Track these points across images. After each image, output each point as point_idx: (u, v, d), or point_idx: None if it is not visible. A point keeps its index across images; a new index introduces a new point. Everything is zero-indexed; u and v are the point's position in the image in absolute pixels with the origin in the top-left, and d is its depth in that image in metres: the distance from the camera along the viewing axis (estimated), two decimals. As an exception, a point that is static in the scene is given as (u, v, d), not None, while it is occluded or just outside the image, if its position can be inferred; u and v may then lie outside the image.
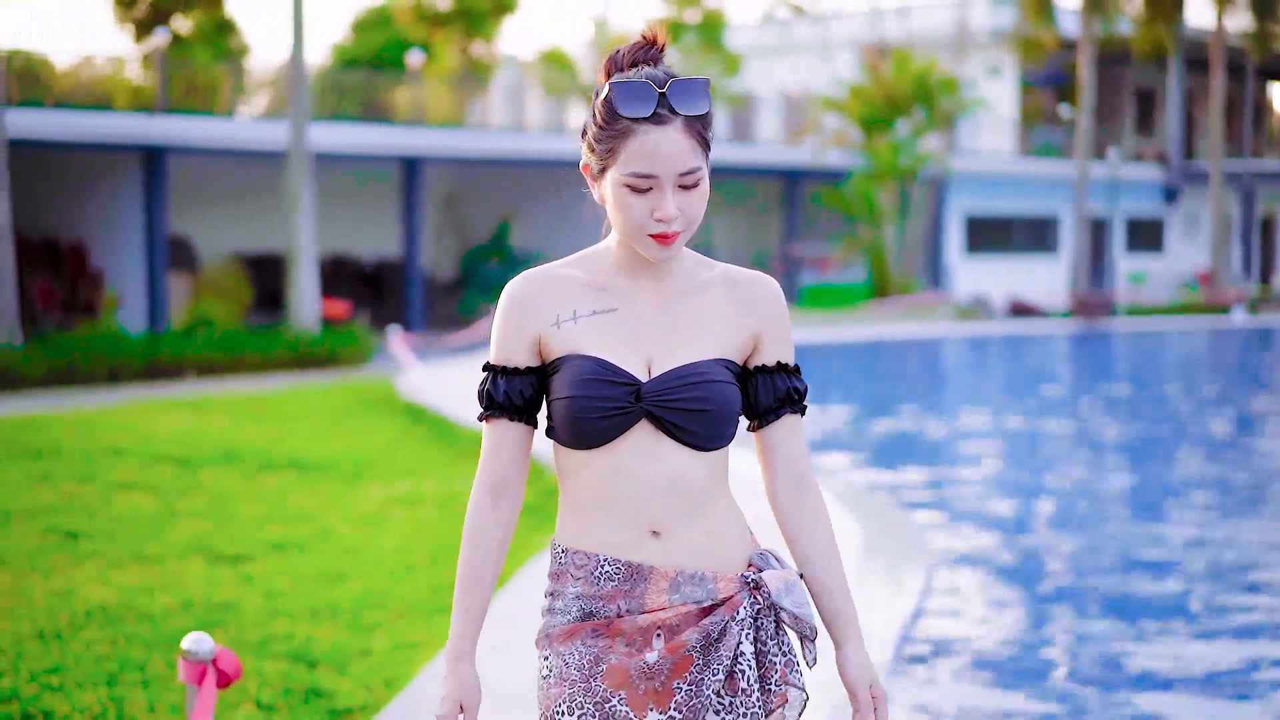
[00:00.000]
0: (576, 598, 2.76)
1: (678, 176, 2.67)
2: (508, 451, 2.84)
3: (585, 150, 2.78)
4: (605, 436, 2.71)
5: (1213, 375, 27.17)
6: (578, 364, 2.73)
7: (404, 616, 7.48)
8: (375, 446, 13.60)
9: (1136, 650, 7.80)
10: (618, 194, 2.71)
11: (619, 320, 2.77)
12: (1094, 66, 41.63)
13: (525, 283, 2.81)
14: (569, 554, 2.78)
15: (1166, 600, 9.01)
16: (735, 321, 2.80)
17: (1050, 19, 42.31)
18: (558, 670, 2.75)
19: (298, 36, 24.33)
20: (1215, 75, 44.45)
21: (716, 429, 2.74)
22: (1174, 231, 49.84)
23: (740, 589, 2.77)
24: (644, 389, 2.71)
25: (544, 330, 2.77)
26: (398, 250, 35.29)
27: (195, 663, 4.02)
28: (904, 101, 38.72)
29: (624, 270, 2.80)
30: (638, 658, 2.72)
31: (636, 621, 2.73)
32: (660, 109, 2.67)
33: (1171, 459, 15.50)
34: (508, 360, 2.81)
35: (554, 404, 2.76)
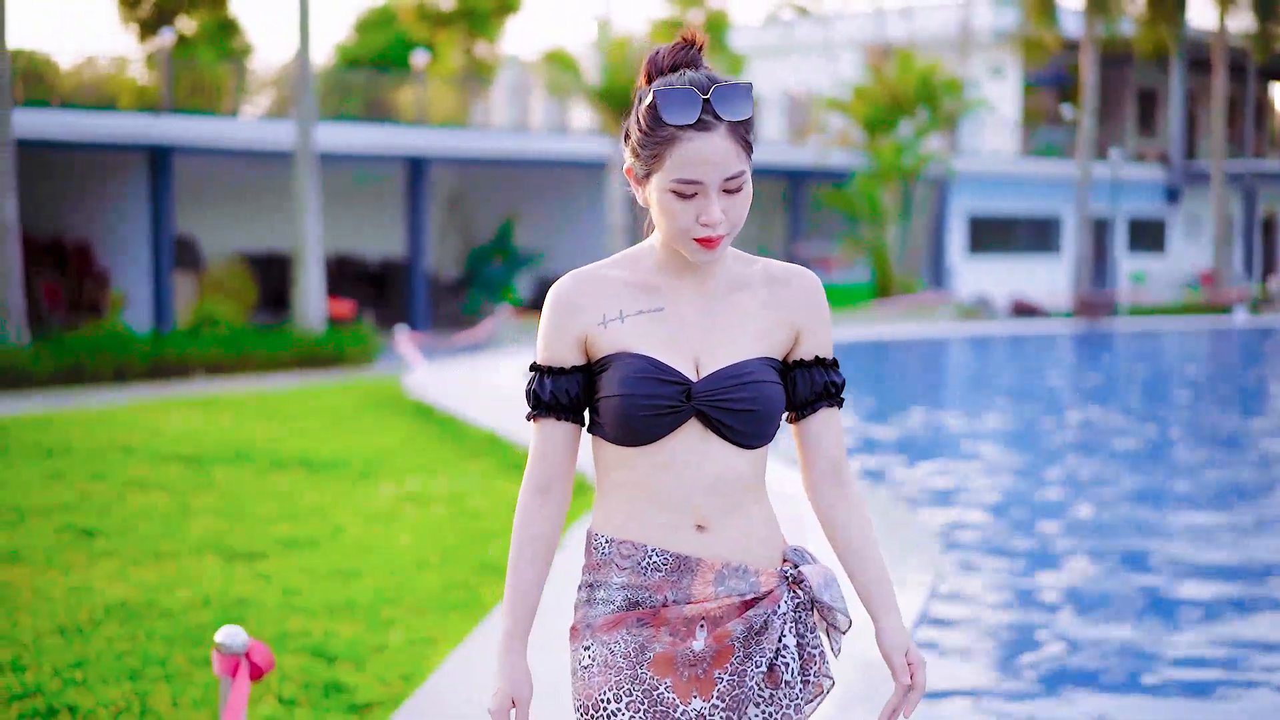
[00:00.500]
0: (622, 587, 2.78)
1: (722, 181, 2.69)
2: (555, 451, 2.85)
3: (629, 155, 2.80)
4: (655, 434, 2.73)
5: (1215, 375, 27.24)
6: (628, 362, 2.75)
7: (419, 613, 7.55)
8: (384, 445, 13.68)
9: (1143, 647, 7.88)
10: (663, 199, 2.72)
11: (665, 319, 2.78)
12: (1096, 67, 41.70)
13: (572, 282, 2.82)
14: (614, 544, 2.80)
15: (1172, 597, 9.08)
16: (776, 318, 2.83)
17: (1053, 20, 42.39)
18: (601, 658, 2.77)
19: (304, 37, 24.41)
20: (1217, 75, 44.52)
21: (763, 427, 2.77)
22: (1176, 232, 49.90)
23: (780, 583, 2.81)
24: (694, 388, 2.74)
25: (590, 329, 2.79)
26: (402, 250, 35.37)
27: (228, 655, 4.09)
28: (907, 102, 38.80)
29: (668, 270, 2.81)
30: (683, 646, 2.74)
31: (683, 611, 2.75)
32: (704, 115, 2.67)
33: (1174, 458, 15.57)
34: (554, 360, 2.82)
35: (602, 401, 2.78)
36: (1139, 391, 23.43)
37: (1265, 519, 11.93)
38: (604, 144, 34.22)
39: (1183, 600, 9.02)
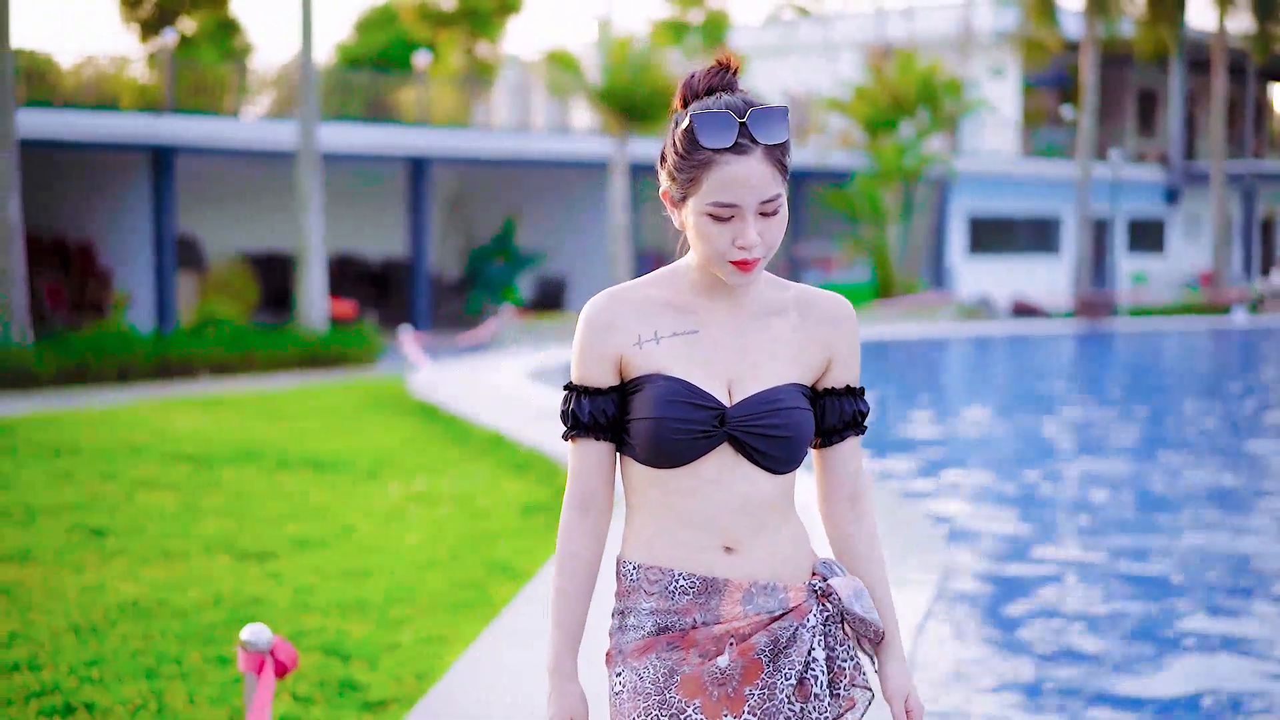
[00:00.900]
0: (650, 613, 2.79)
1: (759, 204, 2.69)
2: (594, 470, 2.84)
3: (665, 178, 2.79)
4: (686, 458, 2.74)
5: (1215, 376, 27.30)
6: (662, 385, 2.75)
7: (430, 612, 7.61)
8: (390, 445, 13.74)
9: (1144, 654, 7.94)
10: (699, 222, 2.72)
11: (700, 342, 2.79)
12: (1096, 67, 41.76)
13: (607, 301, 2.82)
14: (640, 570, 2.81)
15: (1170, 599, 9.14)
16: (809, 344, 2.84)
17: (1053, 20, 42.47)
18: (631, 685, 2.78)
19: (306, 38, 24.46)
20: (1217, 76, 44.58)
21: (794, 453, 2.78)
22: (1175, 232, 49.97)
23: (809, 596, 2.81)
24: (728, 414, 2.74)
25: (625, 350, 2.79)
26: (404, 250, 35.42)
27: (254, 653, 4.15)
28: (908, 102, 38.86)
29: (703, 291, 2.81)
30: (709, 664, 2.74)
31: (711, 632, 2.76)
32: (741, 139, 2.68)
33: (1175, 459, 15.62)
34: (589, 380, 2.82)
35: (634, 423, 2.77)
36: (1140, 391, 23.49)
37: (1266, 519, 11.99)
38: (605, 144, 34.27)
39: (1177, 588, 9.08)
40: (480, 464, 12.61)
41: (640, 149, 34.52)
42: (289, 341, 23.02)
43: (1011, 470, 14.52)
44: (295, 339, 23.24)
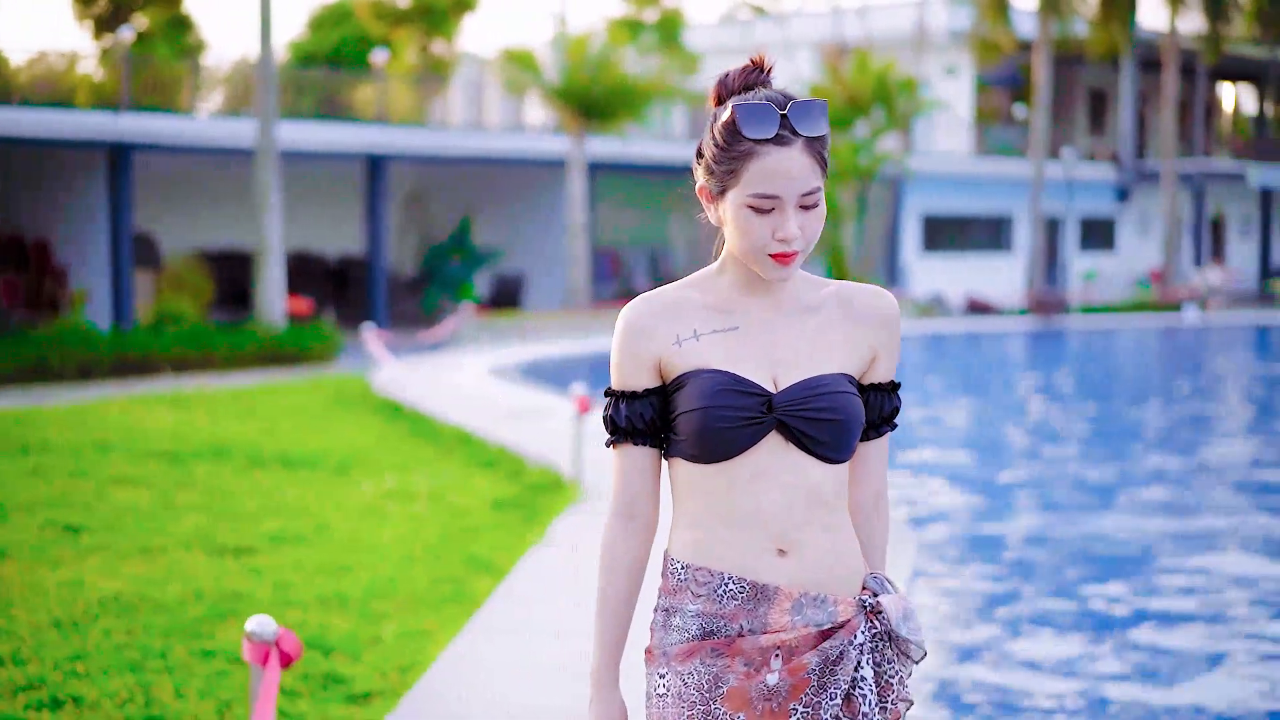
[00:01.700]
0: (696, 615, 2.75)
1: (799, 197, 2.69)
2: (636, 476, 2.82)
3: (702, 173, 2.79)
4: (736, 448, 2.71)
5: (1166, 372, 27.58)
6: (707, 377, 2.73)
7: (410, 607, 7.68)
8: (358, 442, 13.79)
9: (1099, 638, 8.08)
10: (739, 215, 2.72)
11: (740, 338, 2.78)
12: (1049, 67, 42.07)
13: (643, 305, 2.80)
14: (689, 570, 2.77)
15: (1122, 587, 9.29)
16: (855, 337, 2.83)
17: (1007, 20, 42.73)
18: (675, 690, 2.75)
19: (265, 36, 24.42)
20: (1168, 76, 44.96)
21: (845, 439, 2.75)
22: (1126, 230, 50.37)
23: (858, 613, 2.77)
24: (775, 399, 2.72)
25: (665, 351, 2.77)
26: (360, 247, 35.39)
27: (259, 643, 4.22)
28: (864, 102, 39.06)
29: (741, 290, 2.81)
30: (757, 679, 2.71)
31: (758, 641, 2.72)
32: (782, 130, 2.68)
33: (1123, 453, 15.82)
34: (627, 384, 2.80)
35: (681, 417, 2.74)
36: (1090, 388, 23.72)
37: (1203, 509, 12.18)
38: (563, 142, 34.33)
39: (1131, 585, 9.24)
40: (450, 461, 12.68)
41: (598, 147, 34.60)
42: (249, 339, 23.00)
43: (971, 463, 14.68)
44: (255, 336, 23.22)
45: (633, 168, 37.75)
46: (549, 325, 30.51)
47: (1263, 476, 14.50)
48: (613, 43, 35.56)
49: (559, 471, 11.63)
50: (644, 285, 40.18)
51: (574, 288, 33.67)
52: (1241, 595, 9.28)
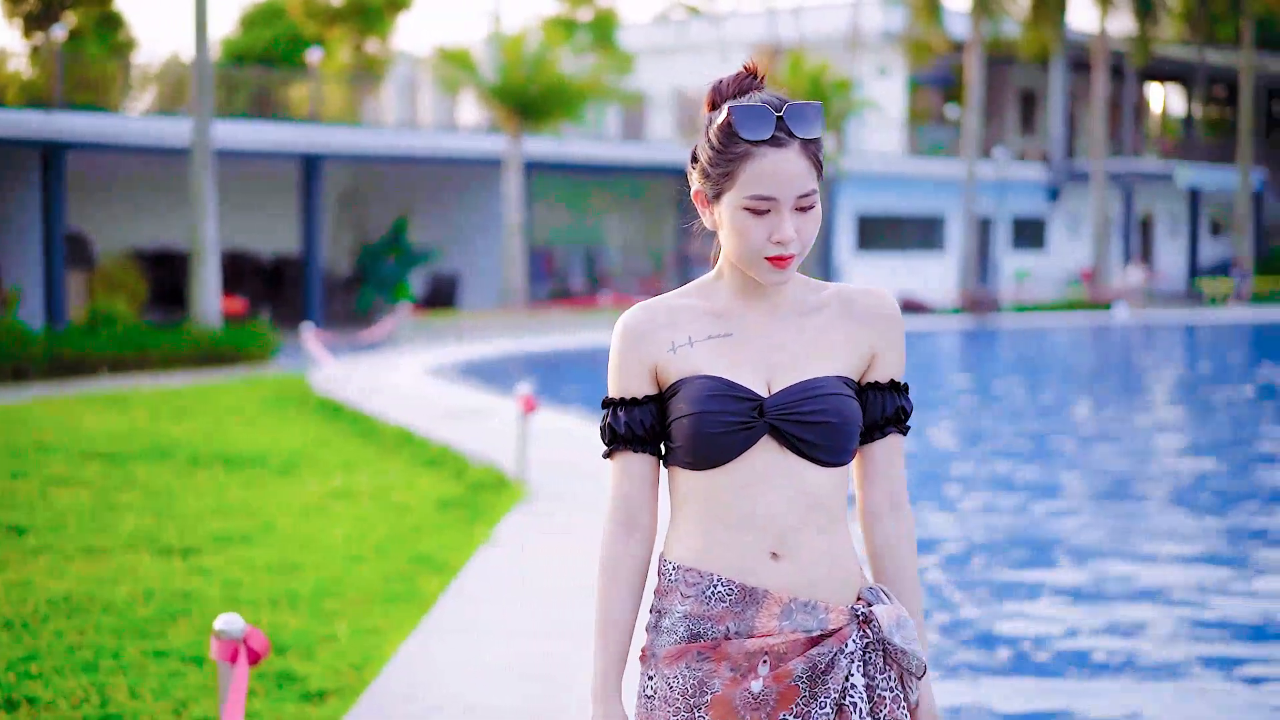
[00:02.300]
0: (684, 617, 2.73)
1: (795, 199, 2.69)
2: (634, 484, 2.80)
3: (698, 177, 2.78)
4: (728, 454, 2.70)
5: (1096, 370, 27.88)
6: (698, 382, 2.72)
7: (360, 605, 7.69)
8: (300, 442, 13.77)
9: (1041, 635, 8.20)
10: (735, 217, 2.71)
11: (735, 343, 2.76)
12: (981, 67, 42.41)
13: (640, 313, 2.80)
14: (680, 571, 2.75)
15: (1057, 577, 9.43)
16: (852, 338, 2.80)
17: (939, 21, 43.05)
18: (662, 693, 2.73)
19: (200, 33, 24.30)
20: (1097, 77, 45.40)
21: (839, 441, 2.72)
22: (1057, 229, 50.83)
23: (850, 621, 2.72)
24: (766, 404, 2.70)
25: (660, 358, 2.76)
26: (295, 247, 35.25)
27: (228, 641, 4.23)
28: (798, 102, 39.19)
29: (738, 295, 2.80)
30: (742, 685, 2.68)
31: (744, 645, 2.69)
32: (778, 132, 2.68)
33: (1055, 450, 16.01)
34: (626, 392, 2.79)
35: (675, 423, 2.74)
36: (1022, 385, 23.95)
37: (1124, 504, 12.35)
38: (499, 141, 34.32)
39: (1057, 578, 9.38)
40: (392, 460, 12.69)
41: (534, 146, 34.61)
42: (185, 339, 22.88)
43: (908, 462, 14.80)
44: (191, 336, 23.10)
45: (568, 167, 37.81)
46: (485, 325, 30.51)
47: (1183, 469, 14.72)
48: (548, 42, 35.57)
49: (502, 471, 11.66)
50: (579, 285, 40.23)
51: (510, 287, 33.67)
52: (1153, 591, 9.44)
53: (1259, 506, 12.75)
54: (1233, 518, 12.06)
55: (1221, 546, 10.88)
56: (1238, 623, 8.56)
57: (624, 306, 36.30)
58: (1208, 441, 17.09)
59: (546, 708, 5.95)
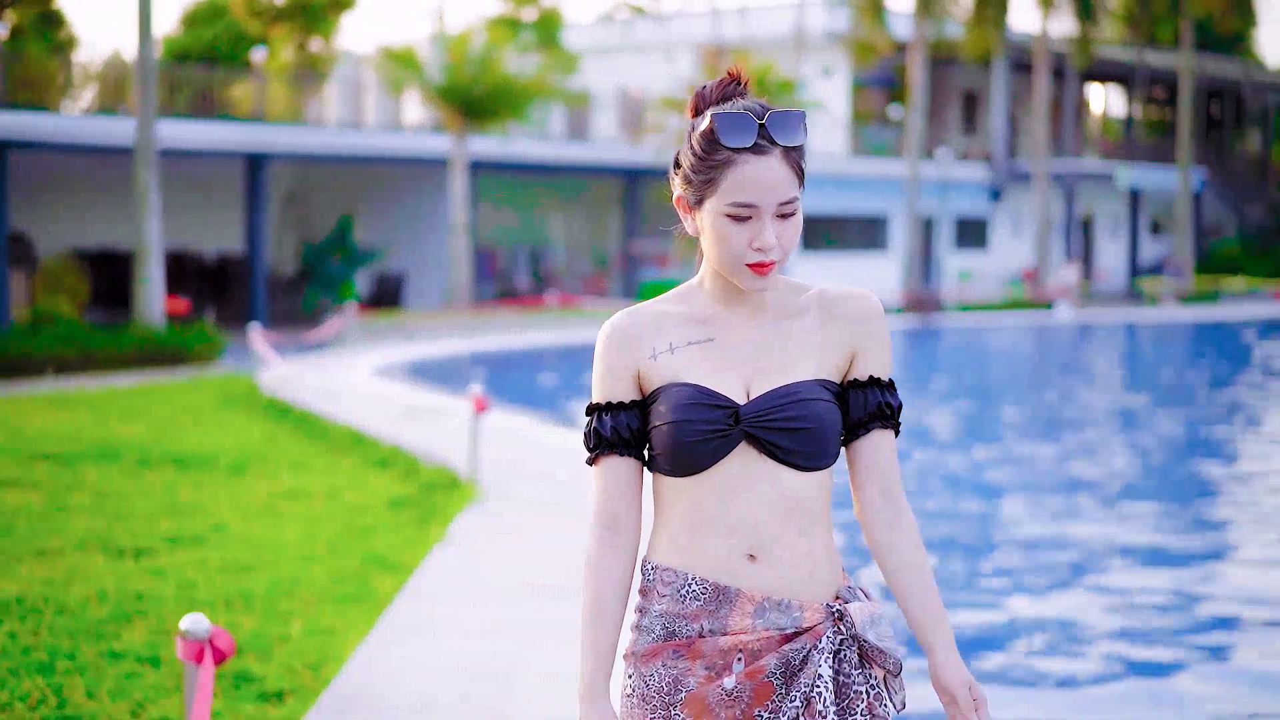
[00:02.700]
0: (660, 615, 2.77)
1: (777, 206, 2.69)
2: (619, 487, 2.83)
3: (680, 183, 2.79)
4: (706, 461, 2.72)
5: (1037, 368, 28.12)
6: (676, 391, 2.75)
7: (315, 605, 7.71)
8: (249, 442, 13.74)
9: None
10: (717, 224, 2.72)
11: (716, 349, 2.79)
12: (925, 68, 42.65)
13: (624, 319, 2.83)
14: (658, 571, 2.80)
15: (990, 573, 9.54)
16: (830, 339, 2.81)
17: (883, 22, 43.25)
18: (640, 691, 2.77)
19: (144, 31, 24.16)
20: (1039, 78, 45.72)
21: (816, 447, 2.74)
22: (999, 229, 51.17)
23: (825, 618, 2.74)
24: (742, 411, 2.72)
25: (642, 363, 2.79)
26: (239, 246, 35.09)
27: (194, 641, 4.25)
28: (743, 102, 39.32)
29: (720, 301, 2.81)
30: (716, 683, 2.71)
31: (718, 643, 2.72)
32: (760, 139, 2.68)
33: (1002, 445, 16.15)
34: (610, 396, 2.82)
35: (654, 431, 2.77)
36: (965, 385, 24.13)
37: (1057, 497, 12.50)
38: (444, 141, 34.28)
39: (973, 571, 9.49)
40: (343, 461, 12.69)
41: (480, 146, 34.58)
42: (129, 339, 22.74)
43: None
44: (136, 336, 22.97)
45: (513, 167, 37.80)
46: (432, 325, 30.47)
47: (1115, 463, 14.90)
48: (493, 42, 35.58)
49: (454, 471, 11.68)
50: (524, 284, 40.22)
51: (455, 287, 33.63)
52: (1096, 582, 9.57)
53: (1187, 499, 12.93)
54: (1166, 509, 12.22)
55: (1155, 538, 11.03)
56: (1161, 611, 8.69)
57: (570, 307, 36.35)
58: (1137, 438, 17.28)
59: (500, 706, 5.99)
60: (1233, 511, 12.76)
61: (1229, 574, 10.16)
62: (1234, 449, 16.88)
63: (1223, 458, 16.03)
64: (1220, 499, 13.39)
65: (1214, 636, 8.49)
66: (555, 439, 14.40)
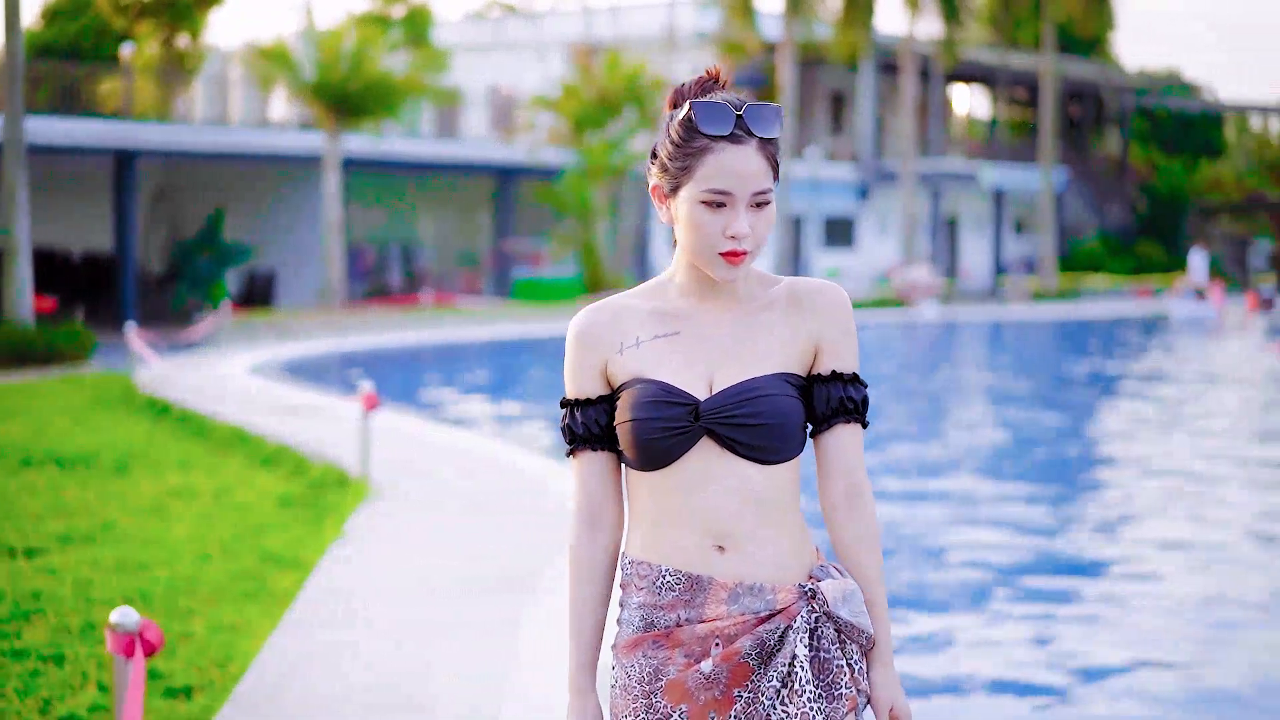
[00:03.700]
0: (639, 608, 2.82)
1: (751, 195, 2.74)
2: (597, 481, 2.88)
3: (656, 172, 2.84)
4: (669, 457, 2.77)
5: (904, 364, 28.57)
6: (639, 388, 2.79)
7: (214, 602, 7.71)
8: (131, 441, 13.62)
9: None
10: (692, 211, 2.76)
11: (682, 343, 2.82)
12: (794, 69, 43.05)
13: (591, 314, 2.87)
14: (634, 565, 2.84)
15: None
16: (795, 332, 2.84)
17: (752, 22, 43.57)
18: (622, 682, 2.82)
19: (12, 25, 23.78)
20: (906, 79, 46.33)
21: (776, 441, 2.77)
22: (866, 228, 51.81)
23: (798, 599, 2.78)
24: (702, 407, 2.76)
25: (609, 358, 2.84)
26: (107, 244, 34.62)
27: (123, 634, 4.29)
28: (615, 101, 39.54)
29: (689, 294, 2.85)
30: (694, 668, 2.76)
31: (695, 631, 2.77)
32: (737, 129, 2.73)
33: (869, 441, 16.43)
34: (581, 392, 2.87)
35: (619, 428, 2.82)
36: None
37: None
38: (317, 139, 34.08)
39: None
40: (229, 459, 12.63)
41: (352, 144, 34.41)
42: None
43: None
44: (5, 336, 22.59)
45: (385, 165, 37.67)
46: (305, 324, 30.28)
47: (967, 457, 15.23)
48: (365, 38, 35.39)
49: (343, 468, 11.67)
50: (397, 283, 40.07)
51: (329, 286, 33.45)
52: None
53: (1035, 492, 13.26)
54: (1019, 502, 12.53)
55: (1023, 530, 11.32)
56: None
57: (446, 305, 36.28)
58: (991, 431, 17.66)
59: (415, 701, 6.06)
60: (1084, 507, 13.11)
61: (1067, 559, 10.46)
62: (1087, 443, 17.30)
63: (1077, 452, 16.43)
64: (1076, 492, 13.74)
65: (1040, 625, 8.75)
66: (441, 437, 14.44)
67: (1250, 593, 9.50)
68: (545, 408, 18.98)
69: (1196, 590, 9.49)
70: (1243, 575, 9.98)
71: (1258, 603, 9.30)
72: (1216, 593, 9.42)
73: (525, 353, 27.94)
